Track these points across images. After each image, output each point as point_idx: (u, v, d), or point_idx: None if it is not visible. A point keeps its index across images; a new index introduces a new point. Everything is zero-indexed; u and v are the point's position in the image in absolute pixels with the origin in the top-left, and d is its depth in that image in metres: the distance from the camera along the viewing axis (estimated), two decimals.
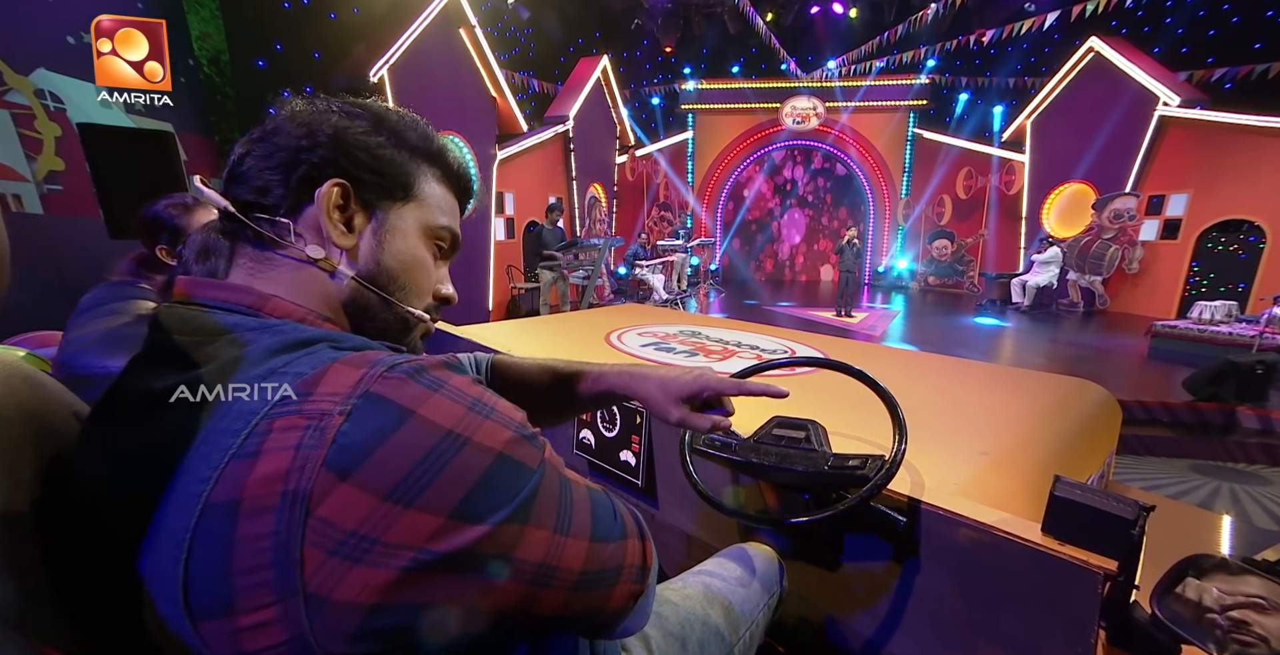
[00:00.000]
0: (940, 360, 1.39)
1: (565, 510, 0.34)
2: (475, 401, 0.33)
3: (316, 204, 0.39)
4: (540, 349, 1.50)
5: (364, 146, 0.41)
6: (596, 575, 0.35)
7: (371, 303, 0.42)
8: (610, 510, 0.39)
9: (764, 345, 1.54)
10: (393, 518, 0.28)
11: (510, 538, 0.31)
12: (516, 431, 0.33)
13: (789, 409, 1.06)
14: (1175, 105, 6.25)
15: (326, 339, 0.36)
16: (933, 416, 0.99)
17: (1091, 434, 1.03)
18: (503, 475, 0.31)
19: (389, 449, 0.29)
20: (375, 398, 0.30)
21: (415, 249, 0.45)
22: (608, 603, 0.37)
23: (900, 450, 0.65)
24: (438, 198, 0.46)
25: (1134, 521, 0.53)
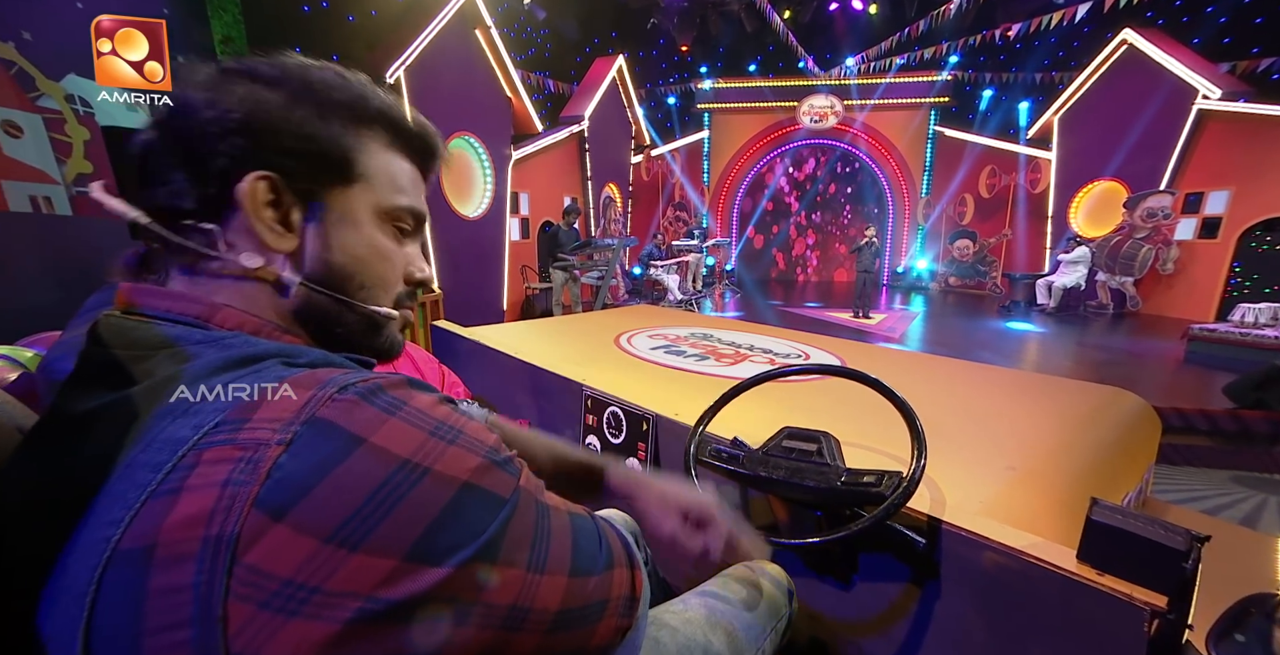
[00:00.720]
0: (962, 366, 1.32)
1: (541, 543, 0.31)
2: (439, 425, 0.29)
3: (240, 204, 0.34)
4: (548, 352, 1.47)
5: (286, 125, 0.35)
6: (577, 613, 0.32)
7: (329, 308, 0.38)
8: (595, 538, 0.35)
9: (777, 349, 1.50)
10: (336, 562, 0.24)
11: (476, 580, 0.27)
12: (486, 457, 0.30)
13: (801, 417, 1.02)
14: (1216, 98, 5.97)
15: (279, 354, 0.32)
16: (954, 427, 0.94)
17: (1128, 447, 0.96)
18: (468, 509, 0.27)
19: (333, 483, 0.25)
20: (321, 424, 0.27)
21: (370, 238, 0.39)
22: (590, 640, 0.33)
23: (919, 467, 0.61)
24: (389, 172, 0.40)
25: (1186, 553, 0.47)
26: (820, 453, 0.69)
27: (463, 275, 5.35)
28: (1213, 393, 3.51)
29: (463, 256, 5.33)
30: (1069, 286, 6.72)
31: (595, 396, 1.13)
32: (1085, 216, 7.49)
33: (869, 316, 6.57)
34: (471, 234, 5.50)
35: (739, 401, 0.84)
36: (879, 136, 9.73)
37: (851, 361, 1.34)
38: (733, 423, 0.87)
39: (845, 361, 1.35)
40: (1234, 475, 2.87)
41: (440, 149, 0.44)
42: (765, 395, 1.12)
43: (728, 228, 10.74)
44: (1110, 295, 6.93)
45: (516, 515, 0.29)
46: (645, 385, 1.24)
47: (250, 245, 0.35)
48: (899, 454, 0.83)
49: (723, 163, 10.37)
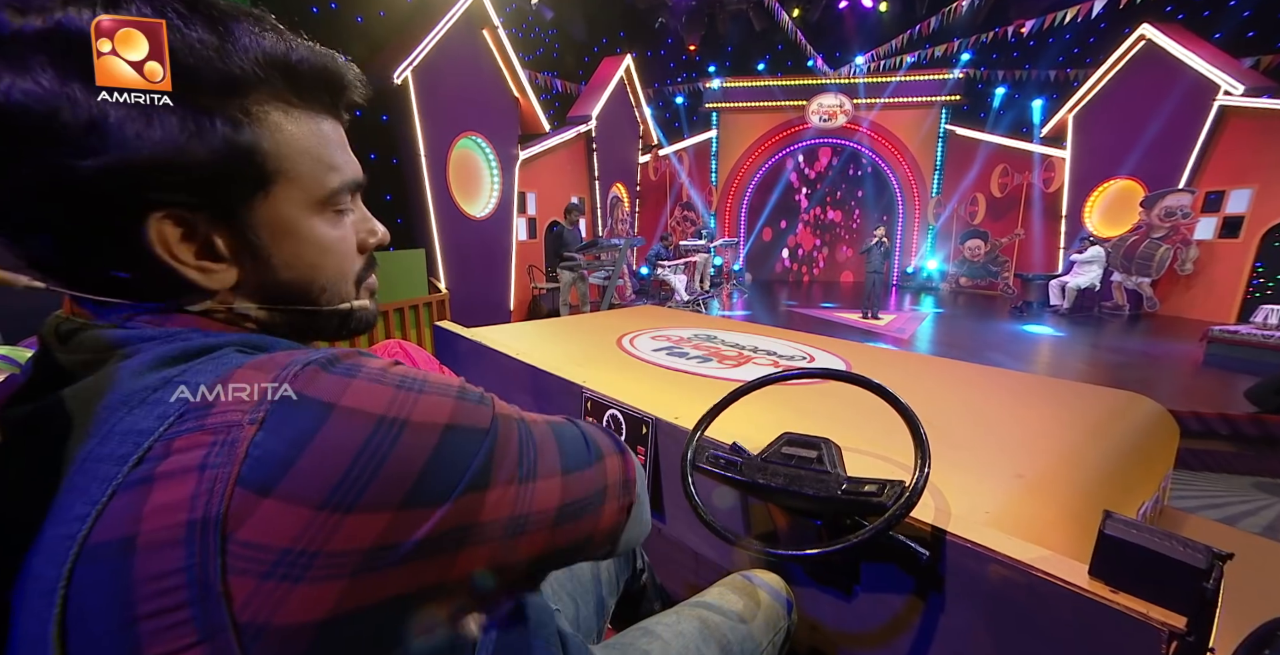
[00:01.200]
0: (971, 369, 1.29)
1: (529, 456, 0.32)
2: (402, 379, 0.29)
3: (151, 250, 0.29)
4: (550, 353, 1.46)
5: (171, 154, 0.27)
6: (579, 504, 0.34)
7: (295, 320, 0.36)
8: (580, 439, 0.37)
9: (781, 350, 1.47)
10: (333, 526, 0.25)
11: (472, 506, 0.28)
12: (459, 398, 0.30)
13: (803, 422, 0.99)
14: (1239, 94, 5.82)
15: (236, 343, 0.31)
16: (961, 433, 0.91)
17: (1144, 455, 0.93)
18: (453, 448, 0.28)
19: (316, 452, 0.25)
20: (288, 400, 0.26)
21: (316, 237, 0.34)
22: (599, 524, 0.36)
23: (922, 477, 0.58)
24: (305, 148, 0.32)
25: (1207, 571, 0.45)
26: (820, 460, 0.67)
27: (470, 275, 5.37)
28: (1233, 396, 3.42)
29: (470, 257, 5.35)
30: (1083, 287, 6.60)
31: (595, 399, 1.12)
32: (1100, 216, 7.35)
33: (878, 317, 6.49)
34: (478, 234, 5.52)
35: (740, 405, 0.82)
36: (889, 135, 9.62)
37: (857, 364, 1.32)
38: (733, 427, 0.85)
39: (850, 364, 1.32)
40: (1256, 481, 2.79)
41: (348, 75, 0.35)
42: (767, 399, 1.09)
43: (736, 227, 10.69)
44: (1126, 296, 6.79)
45: (499, 441, 0.30)
46: (646, 387, 1.22)
47: (177, 286, 0.31)
48: (904, 461, 0.80)
49: (731, 162, 10.32)
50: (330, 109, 0.35)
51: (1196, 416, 3.16)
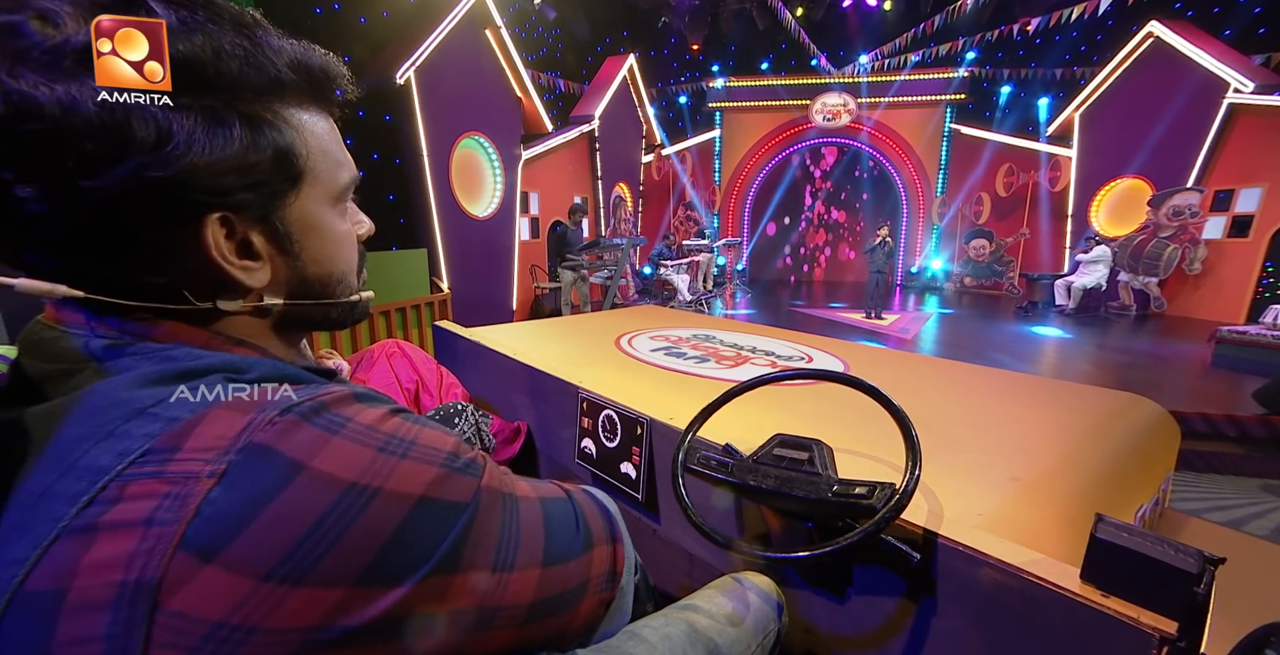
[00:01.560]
0: (969, 370, 1.28)
1: (510, 541, 0.30)
2: (388, 440, 0.27)
3: (203, 252, 0.29)
4: (548, 353, 1.47)
5: (230, 160, 0.28)
6: (555, 600, 0.32)
7: (312, 313, 0.36)
8: (571, 522, 0.35)
9: (780, 351, 1.47)
10: (276, 600, 0.23)
11: (436, 591, 0.26)
12: (444, 466, 0.28)
13: (798, 423, 0.99)
14: (1249, 92, 5.76)
15: (225, 369, 0.29)
16: (957, 434, 0.90)
17: (1144, 457, 0.92)
18: (424, 524, 0.26)
19: (271, 517, 0.24)
20: (258, 450, 0.25)
21: (333, 232, 0.36)
22: (574, 621, 0.34)
23: (912, 479, 0.58)
24: (321, 145, 0.34)
25: (1198, 576, 0.44)
26: (811, 462, 0.66)
27: (472, 275, 5.39)
28: (1241, 397, 3.38)
29: (472, 256, 5.36)
30: (1089, 287, 6.55)
31: (590, 399, 1.12)
32: (1107, 215, 7.29)
33: (882, 317, 6.47)
34: (481, 234, 5.53)
35: (735, 407, 0.82)
36: (893, 135, 9.58)
37: (855, 365, 1.31)
38: (728, 428, 0.84)
39: (848, 365, 1.31)
40: (1264, 483, 2.76)
41: (343, 74, 0.36)
42: (762, 401, 1.09)
43: (739, 227, 10.67)
44: (1133, 296, 6.73)
45: (479, 518, 0.28)
46: (643, 388, 1.22)
47: (218, 286, 0.31)
48: (897, 463, 0.80)
49: (734, 162, 10.30)
50: (330, 107, 0.36)
51: (1203, 418, 3.12)
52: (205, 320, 0.32)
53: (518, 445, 1.31)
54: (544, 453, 1.34)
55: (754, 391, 0.86)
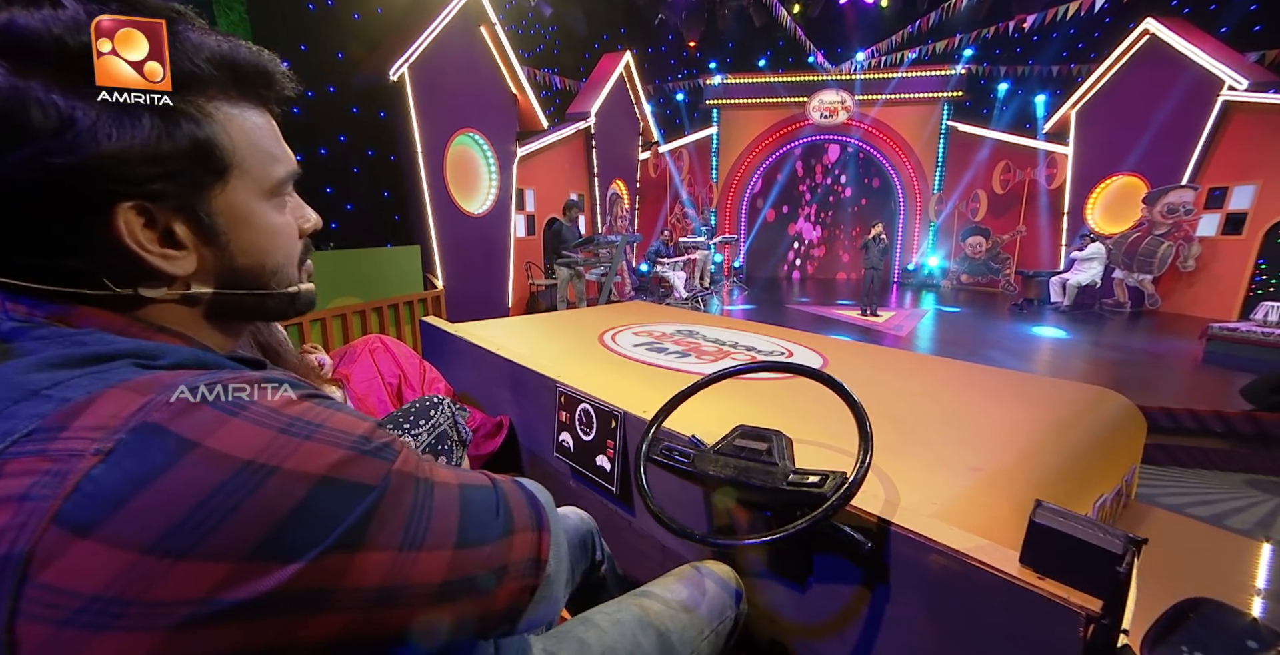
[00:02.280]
0: (947, 364, 1.30)
1: (419, 522, 0.30)
2: (293, 422, 0.28)
3: (112, 237, 0.30)
4: (531, 348, 1.48)
5: (139, 150, 0.29)
6: (467, 582, 0.32)
7: (245, 303, 0.37)
8: (491, 509, 0.35)
9: (761, 346, 1.48)
10: (158, 573, 0.23)
11: (336, 568, 0.27)
12: (351, 449, 0.29)
13: (767, 415, 1.00)
14: (1244, 89, 5.76)
15: (136, 354, 0.29)
16: (924, 426, 0.92)
17: (1107, 449, 0.93)
18: (325, 503, 0.27)
19: (155, 492, 0.24)
20: (148, 429, 0.25)
21: (267, 224, 0.36)
22: (493, 604, 0.34)
23: (863, 468, 0.59)
24: (253, 140, 0.34)
25: (1121, 556, 0.46)
26: (770, 452, 0.68)
27: (467, 272, 5.39)
28: (1230, 393, 3.40)
29: (467, 253, 5.37)
30: (1084, 284, 6.57)
31: (568, 393, 1.13)
32: (1103, 212, 7.30)
33: (877, 314, 6.48)
34: (476, 231, 5.53)
35: (708, 400, 0.83)
36: (890, 132, 9.57)
37: (834, 359, 1.32)
38: (701, 420, 0.86)
39: (827, 359, 1.33)
40: (1249, 478, 2.78)
41: (278, 71, 0.37)
42: (734, 393, 1.10)
43: (736, 224, 10.67)
44: (1128, 293, 6.75)
45: (386, 500, 0.29)
46: (621, 382, 1.24)
47: (139, 274, 0.32)
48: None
49: (731, 159, 10.29)
50: (265, 103, 0.37)
51: (1191, 414, 3.15)
52: (127, 307, 0.32)
53: (499, 439, 1.32)
54: (525, 447, 1.36)
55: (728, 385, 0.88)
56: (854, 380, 1.23)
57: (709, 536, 0.62)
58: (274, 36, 3.58)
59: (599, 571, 0.79)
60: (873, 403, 1.03)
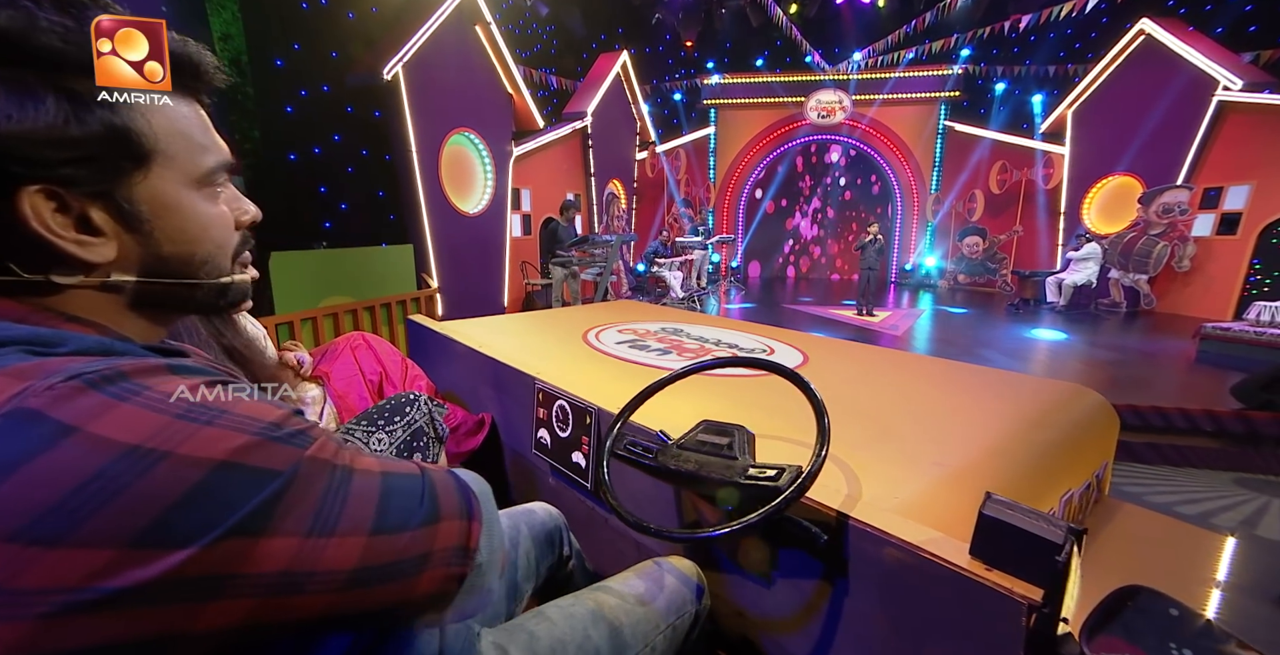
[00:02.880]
0: (926, 362, 1.30)
1: (331, 509, 0.30)
2: (192, 408, 0.27)
3: (18, 221, 0.29)
4: (514, 346, 1.48)
5: (45, 134, 0.29)
6: (384, 568, 0.31)
7: (174, 292, 0.36)
8: (416, 497, 0.34)
9: (744, 343, 1.49)
10: (27, 560, 0.23)
11: (231, 555, 0.26)
12: (259, 435, 0.28)
13: (740, 411, 1.01)
14: (1238, 89, 5.77)
15: (31, 341, 0.29)
16: (895, 423, 0.92)
17: (1077, 445, 0.94)
18: (222, 487, 0.26)
19: (25, 478, 0.23)
20: (23, 414, 0.24)
21: (196, 212, 0.35)
22: (415, 591, 0.33)
23: (818, 462, 0.60)
24: (181, 132, 0.34)
25: (1061, 546, 0.46)
26: (730, 446, 0.68)
27: (463, 272, 5.40)
28: (1221, 393, 3.41)
29: (463, 253, 5.38)
30: (1079, 284, 6.58)
31: (546, 390, 1.14)
32: (1099, 212, 7.31)
33: (873, 314, 6.49)
34: (471, 231, 5.54)
35: (685, 396, 0.84)
36: (888, 131, 9.58)
37: (814, 356, 1.33)
38: (676, 417, 0.86)
39: (809, 357, 1.33)
40: (1238, 477, 2.79)
41: (205, 61, 0.37)
42: (712, 390, 1.11)
43: (734, 224, 10.67)
44: (1123, 293, 6.76)
45: (295, 486, 0.28)
46: (600, 379, 1.24)
47: (50, 260, 0.31)
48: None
49: (729, 159, 10.29)
50: (192, 92, 0.36)
51: (1183, 412, 3.15)
52: (36, 293, 0.32)
53: (480, 437, 1.33)
54: (507, 445, 1.36)
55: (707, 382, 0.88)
56: (832, 377, 1.23)
57: (663, 530, 0.63)
58: (267, 36, 3.58)
59: (567, 567, 0.79)
60: (847, 399, 1.04)
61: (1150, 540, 0.87)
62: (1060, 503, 0.84)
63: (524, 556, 0.72)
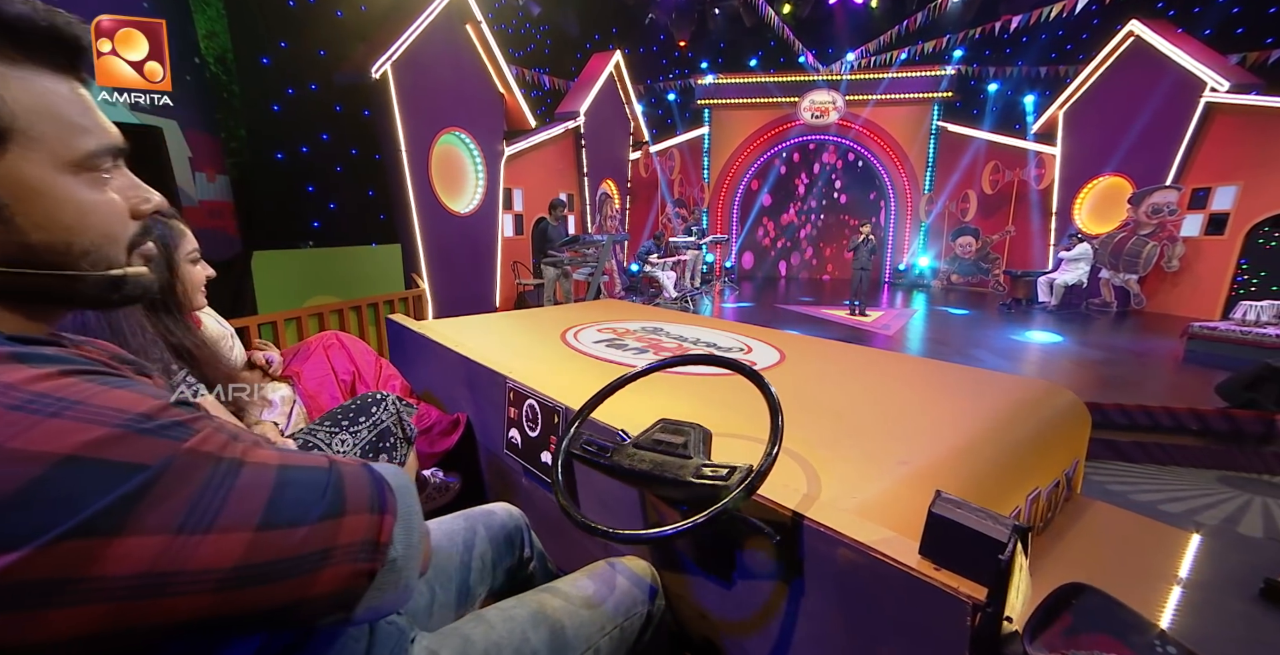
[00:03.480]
0: (902, 360, 1.30)
1: (209, 503, 0.28)
2: (36, 398, 0.26)
3: None
4: (493, 345, 1.47)
5: None
6: (273, 565, 0.29)
7: (48, 285, 0.33)
8: (318, 490, 0.33)
9: (722, 342, 1.48)
10: None
11: (75, 556, 0.24)
12: (121, 427, 0.27)
13: (706, 410, 1.00)
14: (1225, 90, 5.81)
15: None
16: (862, 421, 0.91)
17: (1046, 444, 0.93)
18: (64, 484, 0.24)
19: None
20: None
21: (72, 198, 0.33)
22: (310, 588, 0.31)
23: (768, 460, 0.59)
24: (47, 112, 0.32)
25: (1005, 544, 0.46)
26: (686, 445, 0.67)
27: (454, 272, 5.38)
28: (1207, 391, 3.43)
29: (454, 253, 5.35)
30: (1070, 284, 6.61)
31: (516, 389, 1.13)
32: (1089, 212, 7.35)
33: (865, 314, 6.50)
34: (463, 231, 5.52)
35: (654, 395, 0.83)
36: (881, 132, 9.61)
37: (792, 355, 1.32)
38: (637, 416, 0.85)
39: (785, 355, 1.33)
40: (1221, 476, 2.81)
41: (83, 37, 0.34)
42: (679, 389, 1.10)
43: (729, 224, 10.68)
44: (1114, 293, 6.80)
45: (164, 480, 0.27)
46: (573, 378, 1.23)
47: None
48: (790, 448, 0.81)
49: (723, 159, 10.30)
50: (68, 70, 0.34)
51: (1167, 411, 3.17)
52: None
53: (455, 436, 1.31)
54: (482, 444, 1.35)
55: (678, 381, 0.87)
56: (806, 376, 1.22)
57: (611, 530, 0.62)
58: (254, 33, 3.56)
59: (527, 568, 0.78)
60: (819, 398, 1.03)
61: (1119, 538, 0.87)
62: (1027, 501, 0.83)
63: (479, 559, 0.71)
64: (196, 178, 3.29)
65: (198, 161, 3.27)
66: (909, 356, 1.36)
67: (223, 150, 3.52)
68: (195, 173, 3.27)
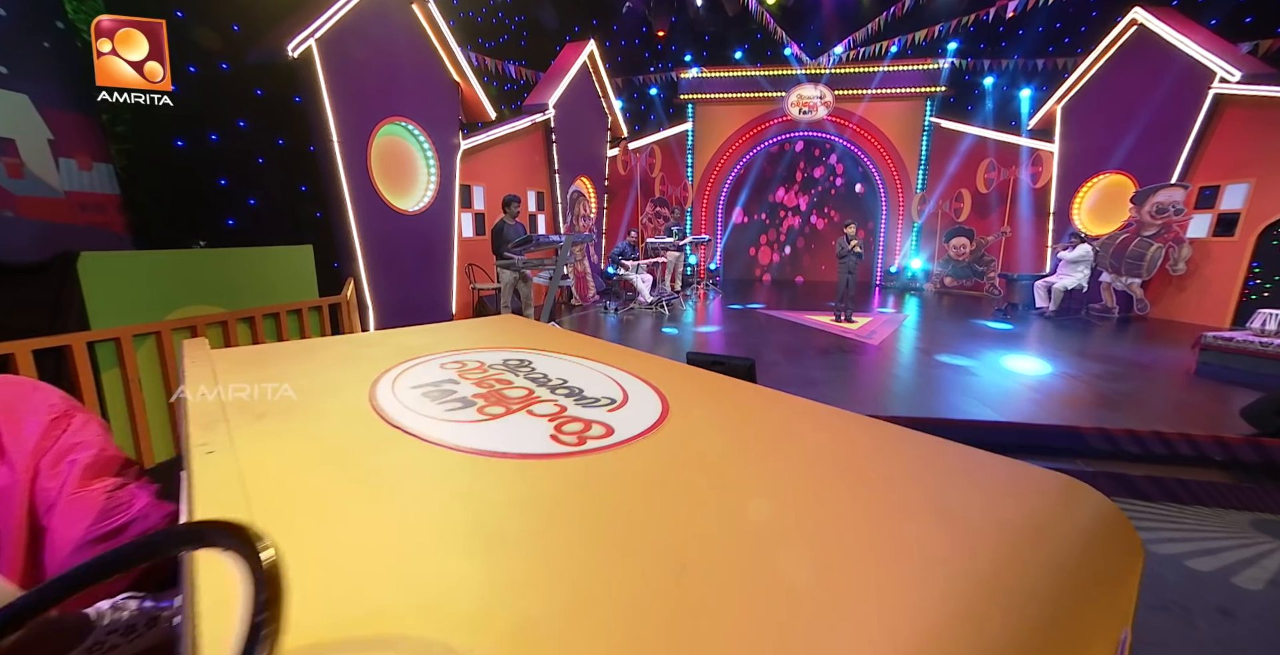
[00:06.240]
0: (847, 422, 0.85)
1: None
2: None
3: None
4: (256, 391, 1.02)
5: None
6: None
7: None
8: None
9: (592, 386, 1.02)
10: None
11: None
12: None
13: None
14: (1236, 81, 5.42)
15: None
16: (757, 549, 0.47)
17: (1072, 611, 0.49)
18: None
19: None
20: None
21: None
22: None
23: None
24: None
25: None
26: None
27: (401, 276, 4.92)
28: (1229, 414, 3.01)
29: (400, 255, 4.90)
30: (1070, 288, 6.21)
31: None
32: (1089, 212, 6.96)
33: (852, 320, 6.08)
34: (411, 230, 5.06)
35: None
36: (872, 128, 9.21)
37: (677, 409, 0.87)
38: None
39: (669, 410, 0.88)
40: (1255, 518, 2.38)
41: None
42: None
43: (712, 224, 10.26)
44: (1115, 298, 6.40)
45: None
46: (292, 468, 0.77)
47: None
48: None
49: (707, 156, 9.89)
50: None
51: (1187, 439, 2.74)
52: None
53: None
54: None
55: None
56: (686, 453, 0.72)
57: None
58: (138, 1, 3.10)
59: None
60: (694, 497, 0.59)
61: None
62: None
63: None
64: (62, 165, 2.83)
65: (63, 145, 2.81)
66: (855, 416, 0.88)
67: (105, 134, 3.06)
68: (59, 159, 2.81)
